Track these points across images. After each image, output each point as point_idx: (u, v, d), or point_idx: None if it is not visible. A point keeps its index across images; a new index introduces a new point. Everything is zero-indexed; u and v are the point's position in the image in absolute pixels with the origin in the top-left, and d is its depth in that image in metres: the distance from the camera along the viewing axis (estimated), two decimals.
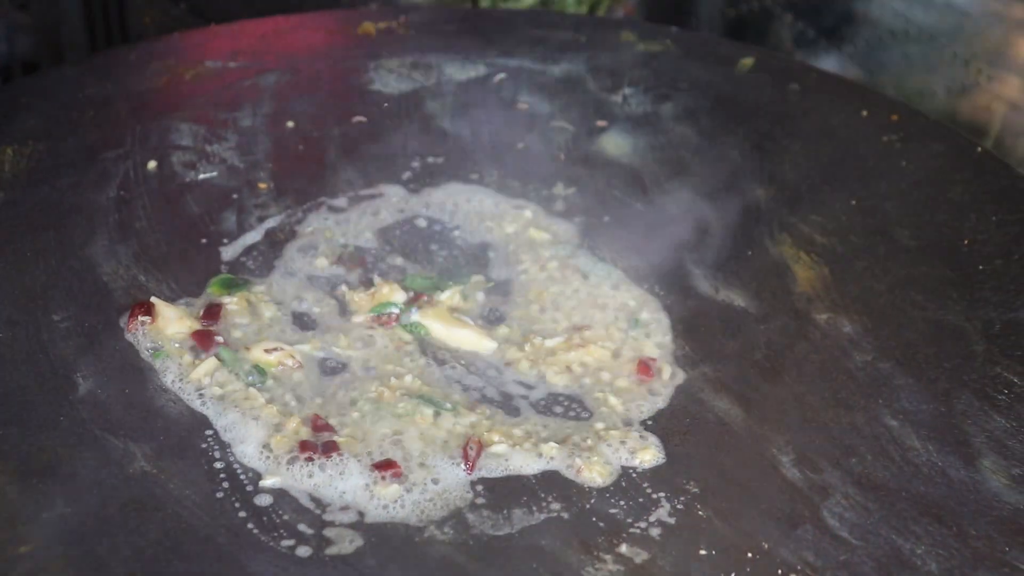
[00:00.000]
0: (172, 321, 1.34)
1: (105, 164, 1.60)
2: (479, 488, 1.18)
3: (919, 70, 2.13)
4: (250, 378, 1.28)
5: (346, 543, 1.11)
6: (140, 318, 1.33)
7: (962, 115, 2.08)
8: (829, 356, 1.34)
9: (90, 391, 1.25)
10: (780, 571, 1.09)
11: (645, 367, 1.31)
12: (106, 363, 1.29)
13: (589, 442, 1.23)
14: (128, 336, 1.33)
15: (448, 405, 1.26)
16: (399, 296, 1.40)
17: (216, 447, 1.20)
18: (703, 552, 1.11)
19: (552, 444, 1.22)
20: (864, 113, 1.76)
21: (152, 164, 1.61)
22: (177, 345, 1.32)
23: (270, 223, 1.53)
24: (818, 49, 2.27)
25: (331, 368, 1.31)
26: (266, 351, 1.31)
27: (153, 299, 1.36)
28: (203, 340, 1.32)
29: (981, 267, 1.45)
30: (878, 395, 1.29)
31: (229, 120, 1.72)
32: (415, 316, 1.38)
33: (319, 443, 1.20)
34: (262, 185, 1.59)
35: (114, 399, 1.25)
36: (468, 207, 1.57)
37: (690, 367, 1.33)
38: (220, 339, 1.32)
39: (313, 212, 1.55)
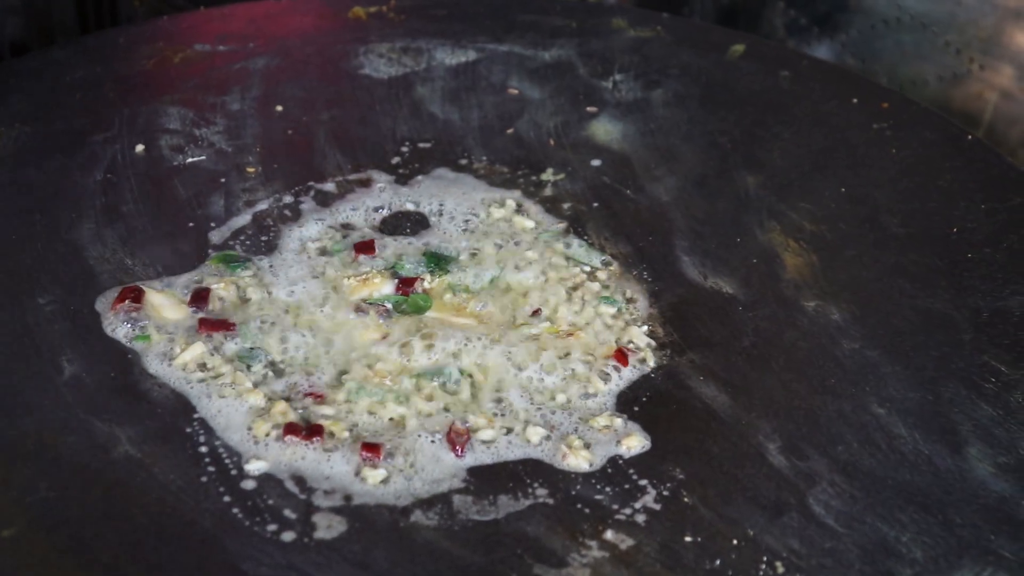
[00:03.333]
0: (159, 306, 1.34)
1: (93, 147, 1.59)
2: (465, 473, 1.18)
3: (911, 58, 2.12)
4: (249, 362, 1.28)
5: (331, 528, 1.11)
6: (127, 303, 1.33)
7: (954, 103, 2.08)
8: (817, 344, 1.34)
9: (75, 375, 1.25)
10: (765, 558, 1.09)
11: (622, 354, 1.31)
12: (92, 347, 1.29)
13: (575, 428, 1.23)
14: (114, 320, 1.32)
15: (434, 386, 1.26)
16: (388, 282, 1.40)
17: (201, 431, 1.20)
18: (688, 538, 1.11)
19: (538, 430, 1.22)
20: (855, 100, 1.76)
21: (140, 147, 1.60)
22: (163, 329, 1.31)
23: (258, 207, 1.52)
24: (810, 37, 2.26)
25: (319, 352, 1.31)
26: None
27: (141, 284, 1.36)
28: (215, 327, 1.32)
29: (970, 255, 1.45)
30: (865, 383, 1.29)
31: (218, 104, 1.71)
32: (403, 302, 1.38)
33: (304, 426, 1.20)
34: (250, 169, 1.59)
35: (99, 383, 1.25)
36: (457, 192, 1.56)
37: (677, 354, 1.33)
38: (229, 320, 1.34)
39: (302, 196, 1.54)
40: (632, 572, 1.08)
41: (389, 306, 1.37)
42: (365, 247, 1.45)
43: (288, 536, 1.09)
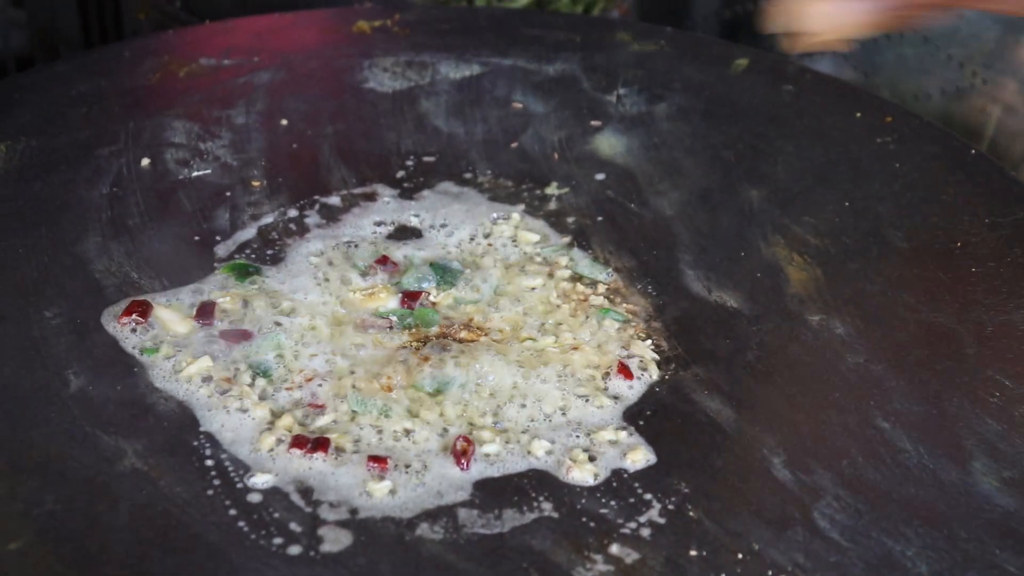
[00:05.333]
0: (165, 320, 1.34)
1: (98, 161, 1.60)
2: (470, 487, 1.18)
3: (914, 72, 2.13)
4: (255, 375, 1.28)
5: (337, 541, 1.11)
6: (133, 316, 1.33)
7: (957, 117, 2.08)
8: (821, 357, 1.35)
9: (81, 388, 1.25)
10: (770, 572, 1.09)
11: (626, 368, 1.31)
12: (97, 360, 1.29)
13: (580, 442, 1.23)
14: (120, 333, 1.32)
15: (440, 399, 1.26)
16: (393, 296, 1.40)
17: (207, 444, 1.20)
18: (693, 553, 1.11)
19: (543, 443, 1.22)
20: (858, 114, 1.76)
21: (145, 161, 1.61)
22: (169, 343, 1.31)
23: (263, 221, 1.53)
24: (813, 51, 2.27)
25: (326, 365, 1.31)
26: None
27: (147, 298, 1.36)
28: (235, 336, 1.33)
29: (974, 269, 1.46)
30: (870, 397, 1.29)
31: (223, 117, 1.71)
32: (410, 315, 1.38)
33: (310, 439, 1.20)
34: (255, 183, 1.59)
35: (105, 396, 1.25)
36: (461, 206, 1.57)
37: (682, 368, 1.33)
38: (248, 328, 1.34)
39: (307, 210, 1.55)
40: None
41: (395, 319, 1.38)
42: (381, 261, 1.45)
43: (294, 549, 1.09)
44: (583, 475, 1.19)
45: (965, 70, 2.05)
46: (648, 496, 1.17)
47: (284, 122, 1.72)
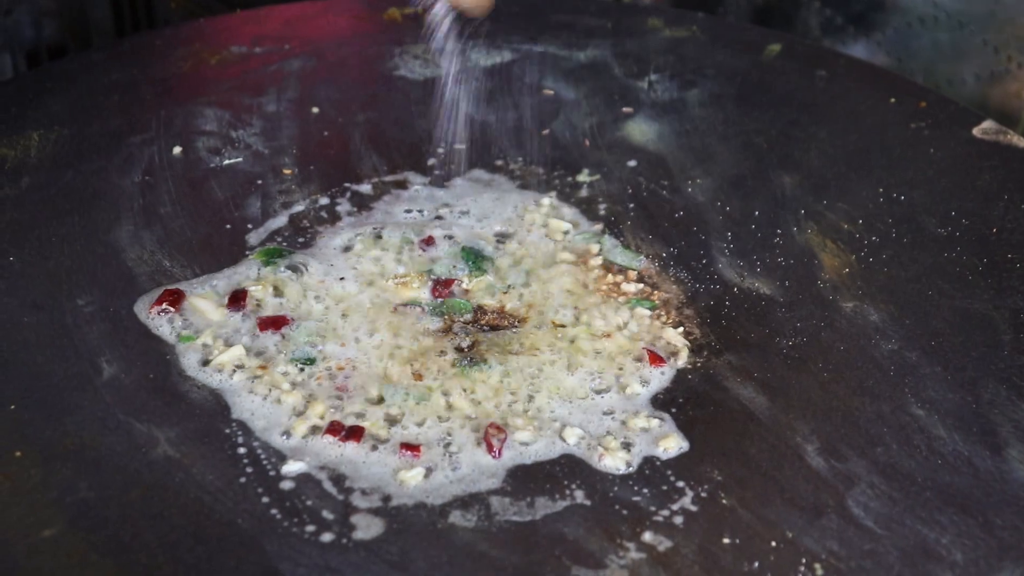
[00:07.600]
0: (197, 308, 1.35)
1: (130, 149, 1.60)
2: (502, 474, 1.17)
3: (948, 57, 2.11)
4: (287, 362, 1.28)
5: (369, 528, 1.11)
6: (165, 304, 1.34)
7: (992, 102, 2.06)
8: (855, 345, 1.34)
9: (114, 376, 1.26)
10: (804, 560, 1.09)
11: (658, 356, 1.31)
12: (130, 348, 1.30)
13: (612, 429, 1.22)
14: (153, 321, 1.33)
15: (472, 387, 1.26)
16: (426, 284, 1.40)
17: (240, 432, 1.21)
18: (727, 541, 1.11)
19: (575, 431, 1.22)
20: (892, 100, 1.75)
21: (177, 149, 1.61)
22: (201, 331, 1.32)
23: (295, 209, 1.53)
24: (846, 35, 2.25)
25: (358, 352, 1.31)
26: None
27: (179, 286, 1.36)
28: (273, 323, 1.33)
29: (1009, 256, 1.44)
30: (904, 384, 1.28)
31: (254, 105, 1.72)
32: (442, 305, 1.38)
33: (343, 427, 1.20)
34: (287, 171, 1.59)
35: (138, 384, 1.25)
36: (492, 193, 1.56)
37: (715, 355, 1.33)
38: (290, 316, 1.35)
39: (338, 198, 1.55)
40: (670, 574, 1.08)
41: (428, 307, 1.37)
42: (426, 242, 1.45)
43: (327, 537, 1.10)
44: (615, 462, 1.19)
45: (1000, 55, 2.03)
46: (681, 484, 1.17)
47: (315, 110, 1.72)
